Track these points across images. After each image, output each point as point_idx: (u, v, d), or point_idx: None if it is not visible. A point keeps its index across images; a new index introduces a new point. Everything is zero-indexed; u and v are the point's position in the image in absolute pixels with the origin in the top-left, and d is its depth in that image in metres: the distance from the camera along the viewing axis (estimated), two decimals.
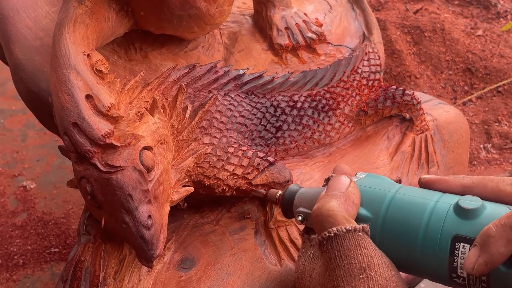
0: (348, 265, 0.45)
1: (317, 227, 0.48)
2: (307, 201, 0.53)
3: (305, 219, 0.53)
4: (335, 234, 0.45)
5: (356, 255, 0.45)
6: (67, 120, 0.50)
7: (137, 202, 0.50)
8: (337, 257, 0.45)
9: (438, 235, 0.45)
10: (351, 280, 0.44)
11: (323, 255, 0.46)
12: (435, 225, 0.46)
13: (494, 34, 1.36)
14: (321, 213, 0.47)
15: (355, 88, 0.73)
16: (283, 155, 0.69)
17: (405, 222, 0.47)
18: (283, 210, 0.56)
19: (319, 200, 0.49)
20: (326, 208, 0.47)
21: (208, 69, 0.63)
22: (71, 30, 0.54)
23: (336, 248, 0.45)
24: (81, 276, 0.55)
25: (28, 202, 1.08)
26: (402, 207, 0.48)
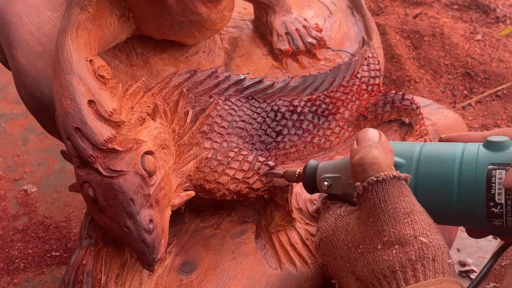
0: (393, 210, 0.46)
1: (359, 176, 0.49)
2: (333, 168, 0.54)
3: (331, 185, 0.54)
4: (383, 179, 0.47)
5: (400, 201, 0.47)
6: (69, 125, 0.51)
7: (139, 206, 0.50)
8: (381, 202, 0.47)
9: (474, 167, 0.48)
10: (396, 224, 0.46)
11: (366, 202, 0.48)
12: (469, 159, 0.48)
13: (493, 38, 1.37)
14: (365, 162, 0.49)
15: (355, 92, 0.74)
16: (283, 160, 0.69)
17: (439, 164, 0.50)
18: (306, 183, 0.57)
19: (357, 151, 0.50)
20: (371, 157, 0.49)
21: (209, 74, 0.64)
22: (74, 36, 0.54)
23: (381, 194, 0.47)
24: (83, 280, 0.55)
25: (29, 206, 1.08)
26: (434, 151, 0.51)
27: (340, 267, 0.49)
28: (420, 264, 0.44)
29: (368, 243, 0.47)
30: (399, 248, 0.45)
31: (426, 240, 0.45)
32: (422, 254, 0.45)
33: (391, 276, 0.45)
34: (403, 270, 0.44)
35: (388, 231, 0.46)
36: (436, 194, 0.49)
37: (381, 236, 0.46)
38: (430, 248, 0.45)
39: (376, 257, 0.46)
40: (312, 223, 0.64)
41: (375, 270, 0.46)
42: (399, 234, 0.45)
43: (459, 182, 0.48)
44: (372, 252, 0.46)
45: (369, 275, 0.46)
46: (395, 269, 0.45)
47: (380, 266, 0.45)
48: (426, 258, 0.45)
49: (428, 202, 0.48)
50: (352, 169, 0.50)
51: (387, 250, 0.45)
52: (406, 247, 0.45)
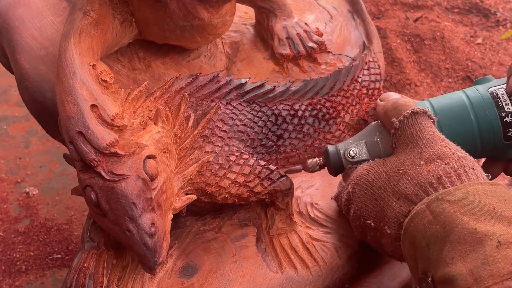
0: (429, 136, 0.52)
1: (394, 116, 0.55)
2: (354, 139, 0.60)
3: (356, 153, 0.58)
4: (417, 111, 0.54)
5: (433, 130, 0.53)
6: (72, 129, 0.51)
7: (141, 210, 0.51)
8: (418, 131, 0.53)
9: (479, 95, 0.59)
10: (433, 146, 0.52)
11: (403, 135, 0.54)
12: (473, 93, 0.59)
13: (493, 42, 1.37)
14: (398, 104, 0.56)
15: (355, 97, 0.74)
16: (284, 163, 0.70)
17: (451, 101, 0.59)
18: (330, 164, 0.60)
19: (387, 101, 0.58)
20: (402, 100, 0.56)
21: (211, 79, 0.64)
22: (77, 41, 0.55)
23: (416, 124, 0.53)
24: (85, 283, 0.56)
25: (31, 209, 1.09)
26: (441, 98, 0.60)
27: (378, 199, 0.53)
28: (462, 171, 0.49)
29: (410, 163, 0.52)
30: (440, 161, 0.50)
31: (463, 155, 0.51)
32: (463, 164, 0.50)
33: (437, 183, 0.49)
34: (448, 176, 0.49)
35: (428, 151, 0.51)
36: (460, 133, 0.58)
37: (422, 155, 0.51)
38: (468, 160, 0.50)
39: (420, 171, 0.50)
40: (313, 226, 0.65)
41: (420, 181, 0.50)
42: (438, 151, 0.51)
43: (475, 114, 0.58)
44: (415, 169, 0.51)
45: (414, 188, 0.50)
46: (440, 175, 0.49)
47: (425, 176, 0.50)
48: (467, 167, 0.50)
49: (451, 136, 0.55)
50: (385, 114, 0.56)
51: (430, 165, 0.50)
52: (446, 160, 0.50)
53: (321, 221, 0.65)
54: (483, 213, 0.44)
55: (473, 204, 0.45)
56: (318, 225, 0.65)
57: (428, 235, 0.46)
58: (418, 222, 0.47)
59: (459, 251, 0.43)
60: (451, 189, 0.47)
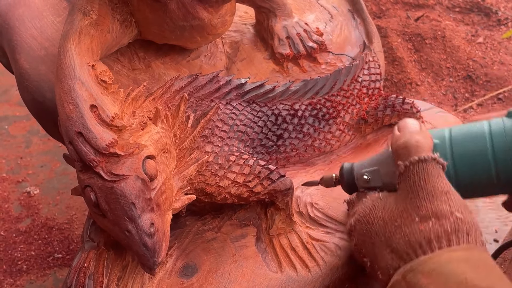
0: (432, 188, 0.50)
1: (402, 157, 0.53)
2: (369, 163, 0.58)
3: (369, 179, 0.57)
4: (425, 158, 0.51)
5: (438, 181, 0.50)
6: (72, 130, 0.51)
7: (140, 210, 0.51)
8: (421, 180, 0.50)
9: (503, 133, 0.53)
10: (433, 200, 0.49)
11: (406, 181, 0.51)
12: (498, 131, 0.53)
13: (494, 41, 1.37)
14: (409, 144, 0.53)
15: (355, 96, 0.74)
16: (284, 163, 0.70)
17: (471, 133, 0.55)
18: (344, 183, 0.59)
19: (400, 137, 0.54)
20: (415, 140, 0.53)
21: (210, 79, 0.64)
22: (76, 41, 0.55)
23: (421, 173, 0.51)
24: (84, 283, 0.56)
25: (32, 208, 1.09)
26: (463, 127, 0.56)
27: (375, 243, 0.52)
28: (454, 236, 0.47)
29: (406, 217, 0.50)
30: (435, 221, 0.48)
31: (461, 216, 0.48)
32: (457, 227, 0.47)
33: (426, 245, 0.47)
34: (438, 240, 0.47)
35: (426, 206, 0.49)
36: (474, 168, 0.53)
37: (419, 210, 0.49)
38: (464, 223, 0.48)
39: (413, 229, 0.48)
40: (313, 226, 0.65)
41: (411, 240, 0.48)
42: (436, 208, 0.48)
43: (493, 154, 0.52)
44: (409, 225, 0.49)
45: (405, 245, 0.48)
46: (430, 239, 0.47)
47: (416, 236, 0.48)
48: (461, 231, 0.47)
49: (467, 177, 0.52)
50: (396, 152, 0.54)
51: (424, 223, 0.48)
52: (442, 220, 0.48)
53: (321, 221, 0.65)
54: (455, 284, 0.43)
55: (446, 274, 0.44)
56: (318, 225, 0.65)
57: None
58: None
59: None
60: (425, 258, 0.46)
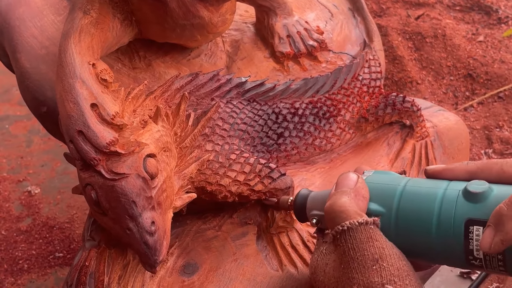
0: (362, 257, 0.46)
1: (330, 224, 0.49)
2: (319, 204, 0.54)
3: (319, 221, 0.54)
4: (348, 227, 0.47)
5: (368, 247, 0.46)
6: (72, 128, 0.51)
7: (141, 209, 0.51)
8: (350, 250, 0.47)
9: (451, 221, 0.47)
10: (364, 272, 0.46)
11: (337, 249, 0.48)
12: (447, 212, 0.47)
13: (495, 40, 1.37)
14: (333, 210, 0.49)
15: (356, 95, 0.74)
16: (284, 162, 0.70)
17: (418, 213, 0.49)
18: (296, 215, 0.58)
19: (330, 197, 0.51)
20: (338, 205, 0.49)
21: (211, 77, 0.65)
22: (77, 40, 0.55)
23: (349, 241, 0.47)
24: (85, 281, 0.56)
25: (33, 207, 1.09)
26: (413, 199, 0.50)
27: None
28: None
29: None
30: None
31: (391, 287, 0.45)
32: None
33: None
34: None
35: (358, 278, 0.46)
36: (415, 242, 0.49)
37: (351, 283, 0.46)
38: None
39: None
40: None
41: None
42: (367, 282, 0.45)
43: (437, 234, 0.47)
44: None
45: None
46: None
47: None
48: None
49: (409, 246, 0.48)
50: (325, 216, 0.50)
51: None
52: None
53: None
54: None
55: None
56: None
57: None
58: None
59: None
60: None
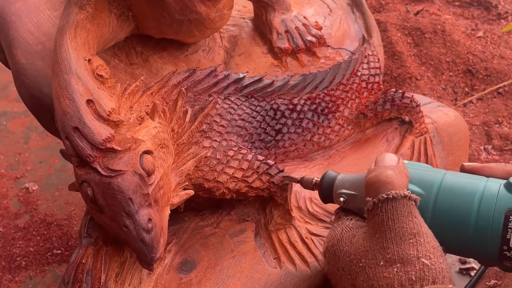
0: (400, 229, 0.47)
1: (372, 193, 0.50)
2: (350, 184, 0.55)
3: (347, 201, 0.54)
4: (393, 197, 0.48)
5: (408, 221, 0.47)
6: (68, 125, 0.51)
7: (138, 206, 0.51)
8: (389, 220, 0.47)
9: (492, 210, 0.48)
10: (401, 243, 0.46)
11: (374, 219, 0.48)
12: (488, 202, 0.48)
13: (494, 35, 1.36)
14: (379, 180, 0.49)
15: (355, 91, 0.74)
16: (283, 158, 0.69)
17: (458, 199, 0.50)
18: (322, 194, 0.57)
19: (372, 170, 0.51)
20: (385, 175, 0.50)
21: (208, 73, 0.64)
22: (72, 35, 0.54)
23: (390, 212, 0.47)
24: (82, 279, 0.56)
25: (31, 204, 1.08)
26: (454, 187, 0.50)
27: (342, 278, 0.50)
28: (419, 285, 0.44)
29: (371, 258, 0.47)
30: (401, 267, 0.45)
31: (428, 262, 0.45)
32: (423, 276, 0.45)
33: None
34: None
35: (392, 249, 0.46)
36: (451, 230, 0.49)
37: (385, 253, 0.46)
38: (431, 271, 0.45)
39: (377, 273, 0.46)
40: (312, 221, 0.64)
41: (374, 286, 0.46)
42: (402, 253, 0.46)
43: (476, 223, 0.48)
44: (374, 267, 0.47)
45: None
46: (393, 287, 0.45)
47: (379, 282, 0.46)
48: (426, 280, 0.44)
49: (442, 235, 0.48)
50: (366, 186, 0.51)
51: (389, 268, 0.46)
52: (407, 267, 0.45)
53: (320, 216, 0.65)
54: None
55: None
56: (317, 220, 0.65)
57: None
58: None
59: None
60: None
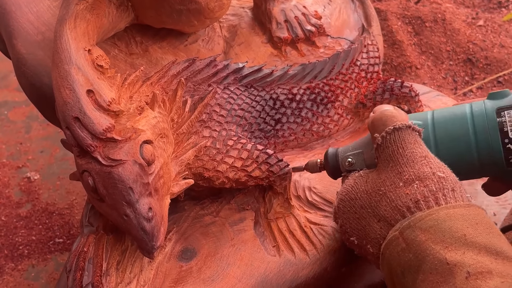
0: (411, 154, 0.51)
1: (379, 129, 0.53)
2: (353, 147, 0.58)
3: (353, 162, 0.57)
4: (399, 127, 0.52)
5: (415, 147, 0.51)
6: (69, 115, 0.51)
7: (138, 195, 0.51)
8: (400, 148, 0.51)
9: (484, 115, 0.53)
10: (414, 165, 0.50)
11: (384, 151, 0.52)
12: (478, 112, 0.53)
13: (495, 24, 1.36)
14: (385, 115, 0.54)
15: (354, 80, 0.74)
16: (282, 148, 0.70)
17: (452, 116, 0.55)
18: (331, 169, 0.59)
19: (376, 111, 0.55)
20: (390, 111, 0.54)
21: (208, 63, 0.64)
22: (72, 26, 0.54)
23: (398, 141, 0.52)
24: (84, 267, 0.56)
25: (32, 193, 1.09)
26: (445, 110, 0.56)
27: (360, 218, 0.52)
28: (441, 194, 0.48)
29: (389, 184, 0.50)
30: (419, 183, 0.49)
31: (443, 175, 0.49)
32: (442, 186, 0.48)
33: (414, 207, 0.48)
34: (425, 200, 0.48)
35: (408, 171, 0.50)
36: (456, 150, 0.54)
37: (401, 175, 0.50)
38: (448, 181, 0.49)
39: (399, 194, 0.49)
40: (311, 210, 0.65)
41: (399, 205, 0.49)
42: (418, 172, 0.49)
43: (474, 133, 0.53)
44: (394, 190, 0.50)
45: (392, 211, 0.49)
46: (417, 199, 0.48)
47: (403, 200, 0.49)
48: (446, 189, 0.48)
49: (449, 159, 0.52)
50: (372, 126, 0.54)
51: (408, 186, 0.49)
52: (425, 181, 0.49)
53: (319, 204, 0.65)
54: (453, 240, 0.44)
55: (444, 231, 0.45)
56: (316, 208, 0.65)
57: (402, 263, 0.46)
58: (393, 250, 0.47)
59: (431, 282, 0.43)
60: (423, 214, 0.47)
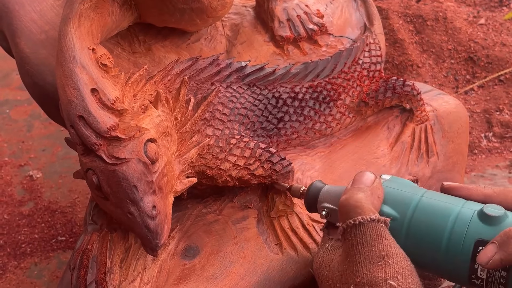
0: (369, 252, 0.47)
1: (342, 217, 0.50)
2: (332, 198, 0.55)
3: (329, 214, 0.55)
4: (360, 222, 0.48)
5: (377, 243, 0.48)
6: (73, 114, 0.52)
7: (142, 193, 0.51)
8: (359, 244, 0.48)
9: (462, 238, 0.48)
10: (370, 266, 0.47)
11: (345, 243, 0.49)
12: (459, 229, 0.48)
13: (496, 22, 1.36)
14: (348, 203, 0.50)
15: (356, 79, 0.74)
16: (284, 146, 0.70)
17: (431, 224, 0.50)
18: (307, 204, 0.58)
19: (346, 192, 0.52)
20: (354, 199, 0.50)
21: (211, 62, 0.64)
22: (76, 25, 0.55)
23: (359, 236, 0.48)
24: (88, 264, 0.57)
25: (35, 192, 1.10)
26: (428, 210, 0.51)
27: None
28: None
29: (344, 282, 0.48)
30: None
31: (395, 284, 0.46)
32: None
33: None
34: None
35: (361, 272, 0.47)
36: (423, 253, 0.50)
37: (355, 277, 0.47)
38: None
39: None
40: None
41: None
42: (371, 276, 0.46)
43: (447, 248, 0.49)
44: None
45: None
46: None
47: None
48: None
49: (415, 255, 0.49)
50: (339, 210, 0.51)
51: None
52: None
53: None
54: None
55: None
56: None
57: None
58: None
59: None
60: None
